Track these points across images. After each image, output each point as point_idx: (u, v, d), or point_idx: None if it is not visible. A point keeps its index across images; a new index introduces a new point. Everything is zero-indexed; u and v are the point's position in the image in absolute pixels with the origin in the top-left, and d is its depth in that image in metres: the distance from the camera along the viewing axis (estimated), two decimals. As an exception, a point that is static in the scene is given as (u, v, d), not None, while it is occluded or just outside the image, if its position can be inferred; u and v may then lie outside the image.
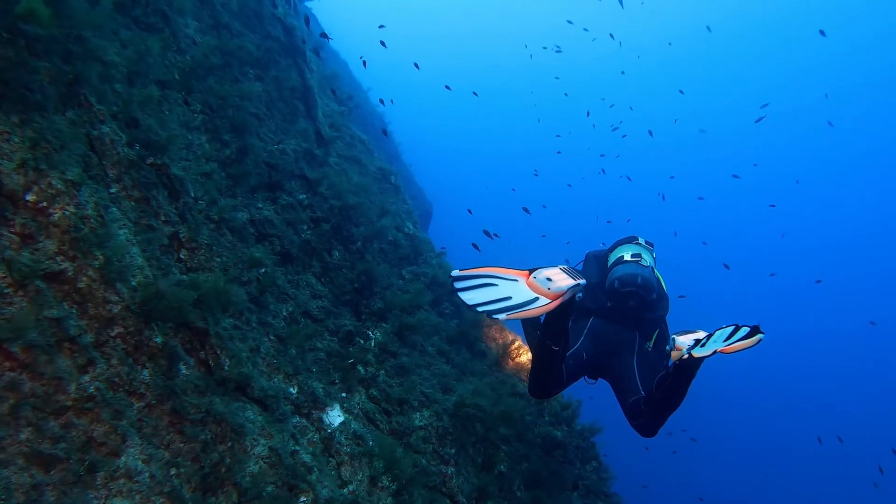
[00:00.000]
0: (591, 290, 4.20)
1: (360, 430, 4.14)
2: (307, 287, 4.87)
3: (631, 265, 3.99)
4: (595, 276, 4.30)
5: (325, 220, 5.47)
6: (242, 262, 4.16)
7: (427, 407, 4.60)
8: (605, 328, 4.05)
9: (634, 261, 4.02)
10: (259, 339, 4.01)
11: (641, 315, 4.01)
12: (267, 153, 5.50)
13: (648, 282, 3.88)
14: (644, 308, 3.96)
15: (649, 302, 3.93)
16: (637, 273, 3.90)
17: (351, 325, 4.80)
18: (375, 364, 4.68)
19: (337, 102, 9.60)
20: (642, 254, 4.10)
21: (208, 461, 3.07)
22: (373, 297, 5.36)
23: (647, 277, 3.90)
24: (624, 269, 3.97)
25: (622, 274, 3.95)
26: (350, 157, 7.58)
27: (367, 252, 5.73)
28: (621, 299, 3.95)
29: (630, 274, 3.91)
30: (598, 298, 4.12)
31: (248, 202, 4.89)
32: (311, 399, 4.08)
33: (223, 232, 4.20)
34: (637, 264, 3.99)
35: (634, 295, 3.90)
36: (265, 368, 3.94)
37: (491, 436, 4.79)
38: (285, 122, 6.25)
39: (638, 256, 4.06)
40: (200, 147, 4.78)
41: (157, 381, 3.03)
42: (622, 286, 3.91)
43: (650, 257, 4.18)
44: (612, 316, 4.06)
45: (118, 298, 2.95)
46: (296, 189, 5.57)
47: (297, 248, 4.99)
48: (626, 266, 3.98)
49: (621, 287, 3.92)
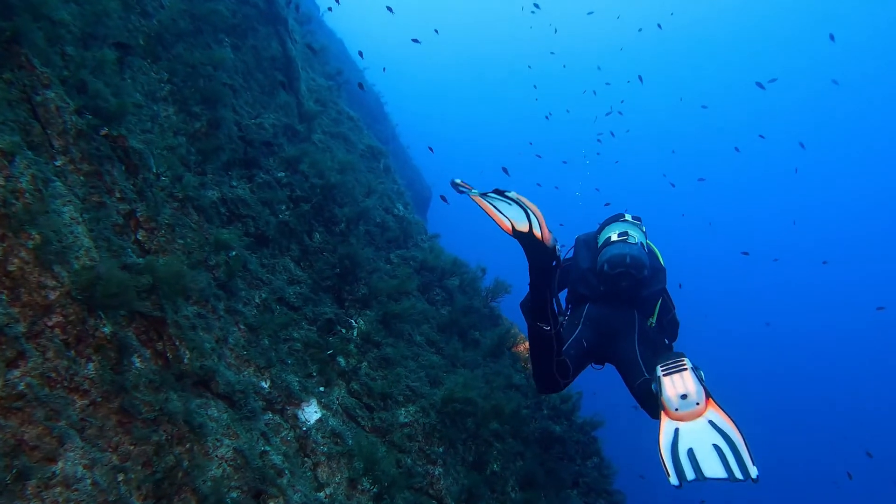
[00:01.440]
0: (584, 276, 4.17)
1: (339, 427, 3.88)
2: (284, 272, 4.60)
3: (618, 245, 3.95)
4: (586, 261, 4.26)
5: (306, 200, 5.18)
6: (209, 244, 3.87)
7: (413, 402, 4.34)
8: (601, 313, 4.00)
9: (621, 240, 3.99)
10: (227, 328, 3.74)
11: (637, 294, 3.98)
12: (243, 127, 5.20)
13: (638, 259, 3.86)
14: (638, 286, 3.93)
15: (642, 279, 3.90)
16: (625, 253, 3.88)
17: (331, 313, 4.53)
18: (357, 355, 4.42)
19: (325, 77, 9.26)
20: (629, 230, 4.06)
21: (162, 465, 2.80)
22: (357, 282, 5.08)
23: (636, 255, 3.88)
24: (611, 251, 3.94)
25: (610, 256, 3.93)
26: (336, 133, 7.27)
27: (351, 234, 5.44)
28: (613, 282, 3.93)
29: (618, 255, 3.89)
30: (591, 284, 4.10)
31: (219, 180, 4.59)
32: (285, 394, 3.82)
33: (188, 211, 3.91)
34: (624, 243, 3.95)
35: (625, 275, 3.88)
36: (233, 361, 3.68)
37: (483, 432, 4.54)
38: (264, 94, 5.94)
39: (625, 234, 4.02)
40: (167, 119, 4.48)
41: (105, 377, 2.76)
42: (612, 268, 3.89)
43: (639, 232, 4.15)
44: (608, 300, 4.03)
45: (56, 283, 2.67)
46: (274, 166, 5.27)
47: (273, 229, 4.71)
48: (614, 247, 3.96)
49: (611, 270, 3.90)
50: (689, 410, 2.96)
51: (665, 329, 4.20)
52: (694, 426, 2.94)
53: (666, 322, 4.18)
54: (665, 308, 4.14)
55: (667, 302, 4.16)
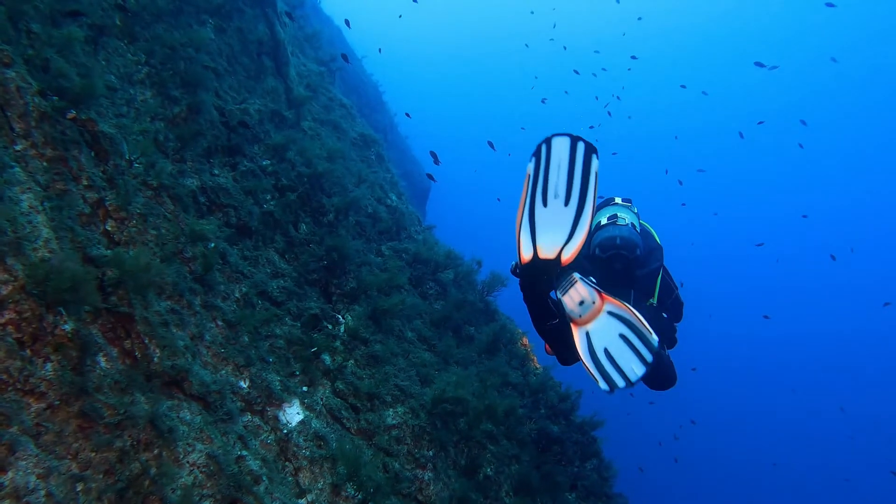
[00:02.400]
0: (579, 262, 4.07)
1: (323, 429, 3.72)
2: (267, 265, 4.42)
3: (607, 228, 3.99)
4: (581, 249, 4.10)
5: (292, 189, 5.00)
6: (185, 235, 3.69)
7: (402, 402, 4.17)
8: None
9: (611, 223, 4.03)
10: (203, 324, 3.56)
11: (632, 274, 3.99)
12: (226, 113, 5.01)
13: (628, 240, 3.88)
14: (632, 267, 3.94)
15: (634, 260, 3.91)
16: (615, 235, 3.90)
17: (317, 308, 4.36)
18: (344, 353, 4.25)
19: (317, 63, 9.04)
20: (618, 213, 4.10)
21: (126, 473, 2.64)
22: (345, 275, 4.91)
23: (626, 236, 3.89)
24: (602, 234, 3.97)
25: (601, 239, 3.95)
26: (327, 121, 7.07)
27: (340, 225, 5.26)
28: (606, 265, 3.95)
29: (608, 237, 3.92)
30: (586, 270, 4.07)
31: (199, 167, 4.41)
32: (265, 394, 3.66)
33: (162, 200, 3.73)
34: (613, 225, 3.99)
35: (618, 257, 3.90)
36: (210, 359, 3.51)
37: (475, 433, 4.37)
38: (250, 79, 5.73)
39: (614, 217, 4.06)
40: (144, 103, 4.29)
41: (65, 378, 2.59)
42: (604, 251, 3.92)
43: (629, 214, 4.16)
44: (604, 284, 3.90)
45: (9, 277, 2.49)
46: (259, 154, 5.08)
47: (256, 220, 4.53)
48: (604, 230, 3.99)
49: (602, 253, 3.93)
50: (590, 311, 3.02)
51: (669, 310, 4.19)
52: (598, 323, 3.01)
53: (670, 303, 4.17)
54: (667, 288, 4.14)
55: (667, 281, 4.17)
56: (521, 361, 6.08)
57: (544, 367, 6.23)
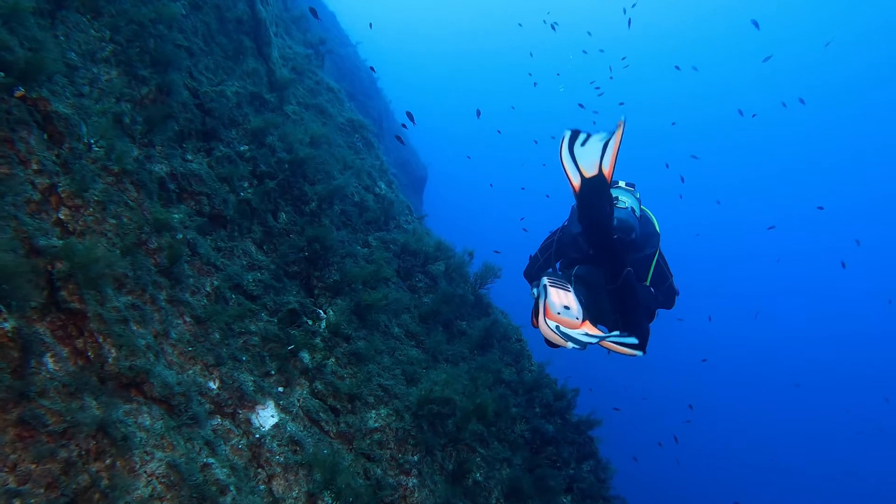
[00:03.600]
0: (574, 240, 4.22)
1: (299, 433, 3.50)
2: (243, 256, 4.19)
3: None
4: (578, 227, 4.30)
5: (271, 176, 4.76)
6: (148, 224, 3.45)
7: (385, 403, 3.95)
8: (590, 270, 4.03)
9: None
10: (169, 321, 3.34)
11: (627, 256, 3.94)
12: (201, 95, 4.75)
13: (625, 222, 3.96)
14: (627, 249, 3.99)
15: (630, 242, 3.98)
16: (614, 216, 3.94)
17: (296, 303, 4.14)
18: (324, 350, 4.03)
19: (305, 45, 8.77)
20: (620, 196, 4.18)
21: (72, 486, 2.42)
22: (328, 267, 4.68)
23: (624, 218, 3.98)
24: None
25: None
26: (313, 105, 6.81)
27: (323, 214, 5.03)
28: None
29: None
30: (581, 247, 4.14)
31: (170, 152, 4.16)
32: (236, 396, 3.44)
33: (124, 187, 3.49)
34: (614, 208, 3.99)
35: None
36: (175, 358, 3.28)
37: (464, 435, 4.16)
38: (228, 59, 5.47)
39: (615, 199, 4.11)
40: (109, 83, 4.04)
41: (2, 381, 2.36)
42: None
43: (630, 198, 4.24)
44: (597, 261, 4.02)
45: (-64, 271, 2.26)
46: (236, 139, 4.84)
47: (232, 208, 4.29)
48: None
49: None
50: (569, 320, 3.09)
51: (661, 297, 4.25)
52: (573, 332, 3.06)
53: (663, 290, 4.24)
54: (661, 274, 4.21)
55: (662, 268, 4.23)
56: (515, 357, 5.87)
57: (539, 364, 6.02)
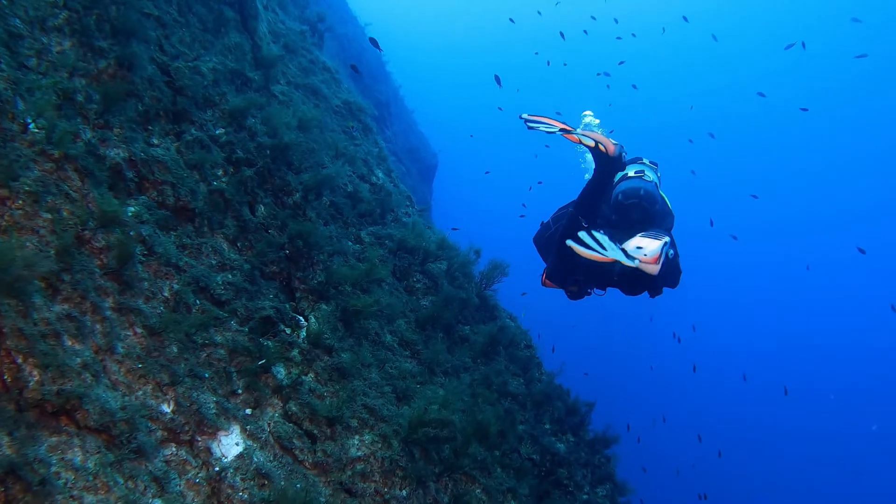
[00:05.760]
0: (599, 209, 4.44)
1: (268, 464, 3.08)
2: (213, 255, 3.77)
3: (634, 180, 4.41)
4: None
5: (250, 163, 4.32)
6: (94, 219, 3.03)
7: (371, 427, 3.52)
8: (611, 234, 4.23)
9: (637, 176, 4.44)
10: (114, 333, 2.92)
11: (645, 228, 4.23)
12: (172, 71, 4.32)
13: (650, 194, 4.29)
14: (647, 220, 4.31)
15: (652, 213, 4.31)
16: (640, 186, 4.31)
17: (272, 309, 3.71)
18: (302, 364, 3.60)
19: (301, 22, 8.31)
20: (645, 171, 4.51)
21: (-31, 546, 2.01)
22: (312, 267, 4.25)
23: (650, 190, 4.30)
24: (627, 184, 4.38)
25: (626, 188, 4.35)
26: (305, 85, 6.36)
27: (309, 207, 4.59)
28: (625, 211, 4.35)
29: (633, 187, 4.32)
30: (604, 214, 4.49)
31: (130, 135, 3.73)
32: (195, 420, 3.02)
33: (66, 175, 3.07)
34: (640, 179, 4.41)
35: (637, 207, 4.29)
36: (122, 377, 2.87)
37: (463, 463, 3.73)
38: (206, 32, 5.03)
39: (641, 172, 4.48)
40: (62, 55, 3.62)
41: None
42: (625, 198, 4.32)
43: (654, 175, 4.58)
44: (617, 227, 4.39)
45: None
46: (211, 121, 4.40)
47: (201, 200, 3.87)
48: (630, 181, 4.40)
49: (625, 199, 4.33)
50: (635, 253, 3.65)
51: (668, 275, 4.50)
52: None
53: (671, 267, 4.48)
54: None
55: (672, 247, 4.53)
56: (523, 366, 5.42)
57: (550, 374, 5.57)
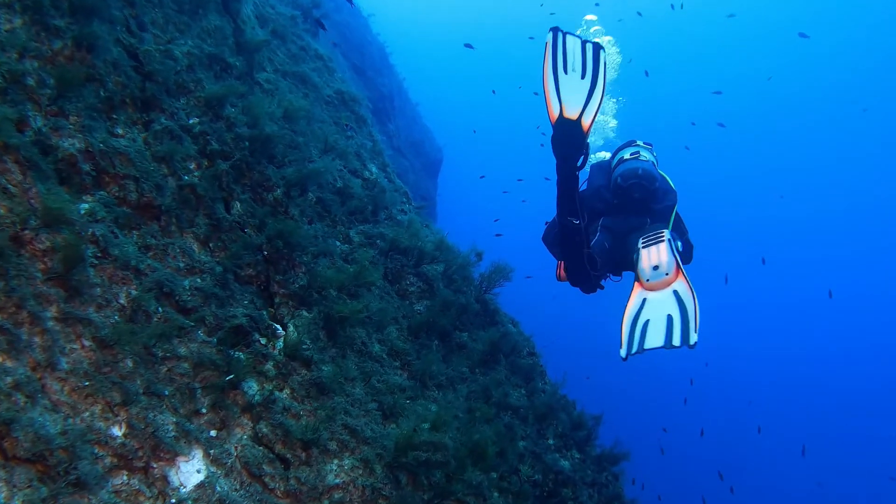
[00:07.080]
0: (598, 192, 4.64)
1: (233, 494, 2.77)
2: (180, 257, 3.45)
3: (630, 161, 4.46)
4: (601, 180, 4.75)
5: (226, 156, 4.01)
6: (36, 217, 2.72)
7: (351, 451, 3.20)
8: (616, 219, 4.48)
9: (633, 157, 4.52)
10: (57, 346, 2.61)
11: (649, 206, 4.42)
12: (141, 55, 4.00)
13: (649, 173, 4.34)
14: (649, 198, 4.38)
15: (653, 191, 4.36)
16: (637, 166, 4.36)
17: (244, 317, 3.39)
18: (276, 379, 3.29)
19: (293, 6, 7.98)
20: (641, 152, 4.61)
21: None
22: (293, 270, 3.94)
23: (648, 169, 4.36)
24: (624, 166, 4.44)
25: (623, 170, 4.41)
26: (294, 73, 6.04)
27: (292, 204, 4.28)
28: (626, 193, 4.39)
29: (630, 168, 4.37)
30: (605, 198, 4.58)
31: (89, 124, 3.42)
32: (150, 444, 2.71)
33: (4, 167, 2.75)
34: (636, 160, 4.47)
35: (637, 186, 4.33)
36: (65, 397, 2.56)
37: (456, 489, 3.41)
38: (183, 14, 4.70)
39: (637, 153, 4.57)
40: (11, 34, 3.31)
41: None
42: (624, 180, 4.36)
43: (650, 155, 4.67)
44: (622, 210, 4.48)
45: None
46: (184, 109, 4.09)
47: (169, 196, 3.56)
48: (626, 163, 4.46)
49: (624, 181, 4.37)
50: (659, 281, 3.53)
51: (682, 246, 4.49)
52: (660, 296, 3.49)
53: (683, 242, 4.53)
54: (679, 229, 4.59)
55: (679, 223, 4.60)
56: (525, 376, 5.09)
57: (554, 384, 5.24)
